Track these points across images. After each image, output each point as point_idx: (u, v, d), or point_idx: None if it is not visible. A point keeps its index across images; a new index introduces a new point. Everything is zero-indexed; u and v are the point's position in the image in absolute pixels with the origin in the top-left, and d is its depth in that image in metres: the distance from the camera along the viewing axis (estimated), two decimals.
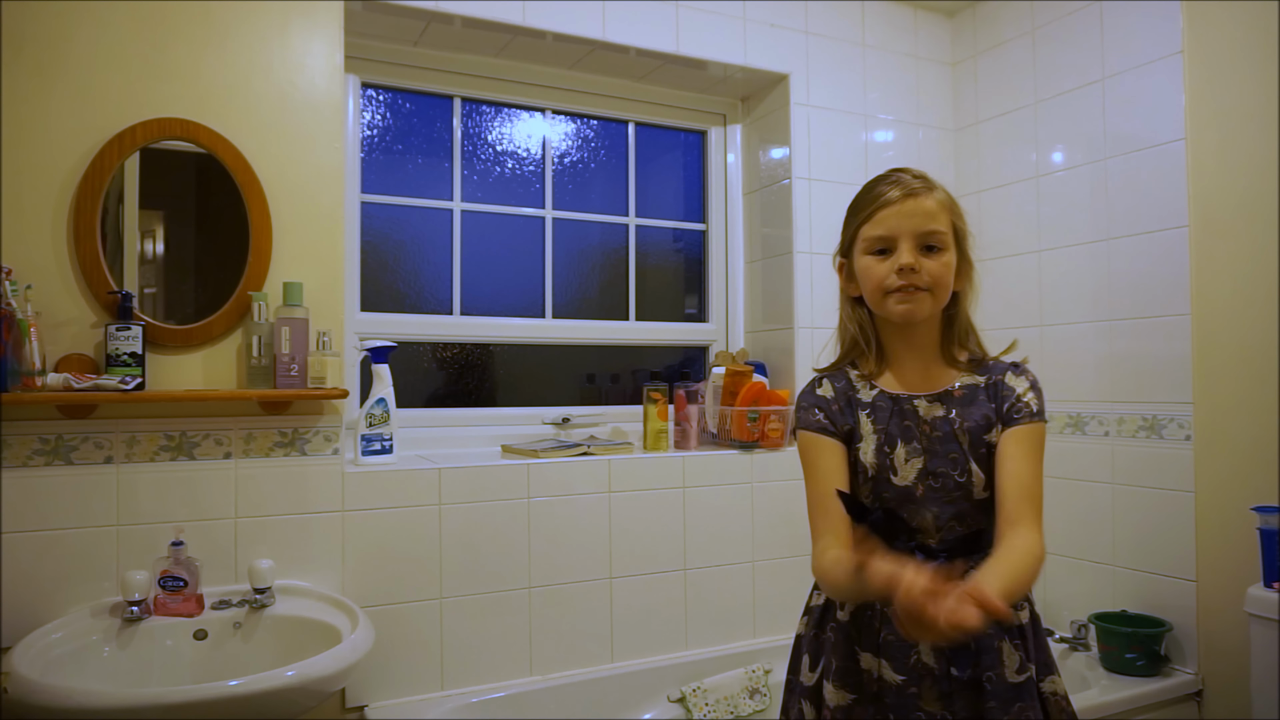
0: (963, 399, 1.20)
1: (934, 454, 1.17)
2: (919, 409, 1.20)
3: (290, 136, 1.90)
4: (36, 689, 1.31)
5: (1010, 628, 1.15)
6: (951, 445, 1.17)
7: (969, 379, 1.22)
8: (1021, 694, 1.13)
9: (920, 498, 1.17)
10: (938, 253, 1.17)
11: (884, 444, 1.19)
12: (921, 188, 1.18)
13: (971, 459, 1.16)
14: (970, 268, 1.23)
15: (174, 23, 1.80)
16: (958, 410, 1.19)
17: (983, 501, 1.17)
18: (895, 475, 1.18)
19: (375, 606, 1.91)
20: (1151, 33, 2.24)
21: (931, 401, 1.20)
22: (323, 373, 1.84)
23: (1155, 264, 2.23)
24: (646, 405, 2.37)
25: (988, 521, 1.16)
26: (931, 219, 1.17)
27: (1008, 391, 1.19)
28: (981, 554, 1.13)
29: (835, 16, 2.64)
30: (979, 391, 1.21)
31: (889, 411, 1.21)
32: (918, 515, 1.17)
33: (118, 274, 1.77)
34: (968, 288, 1.24)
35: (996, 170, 2.70)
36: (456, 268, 2.40)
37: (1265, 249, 2.01)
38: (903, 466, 1.18)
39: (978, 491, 1.16)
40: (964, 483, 1.16)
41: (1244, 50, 2.05)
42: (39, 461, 1.68)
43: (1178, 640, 2.17)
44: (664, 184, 2.76)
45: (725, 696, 2.17)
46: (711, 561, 2.32)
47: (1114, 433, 2.33)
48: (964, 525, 1.16)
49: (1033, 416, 1.18)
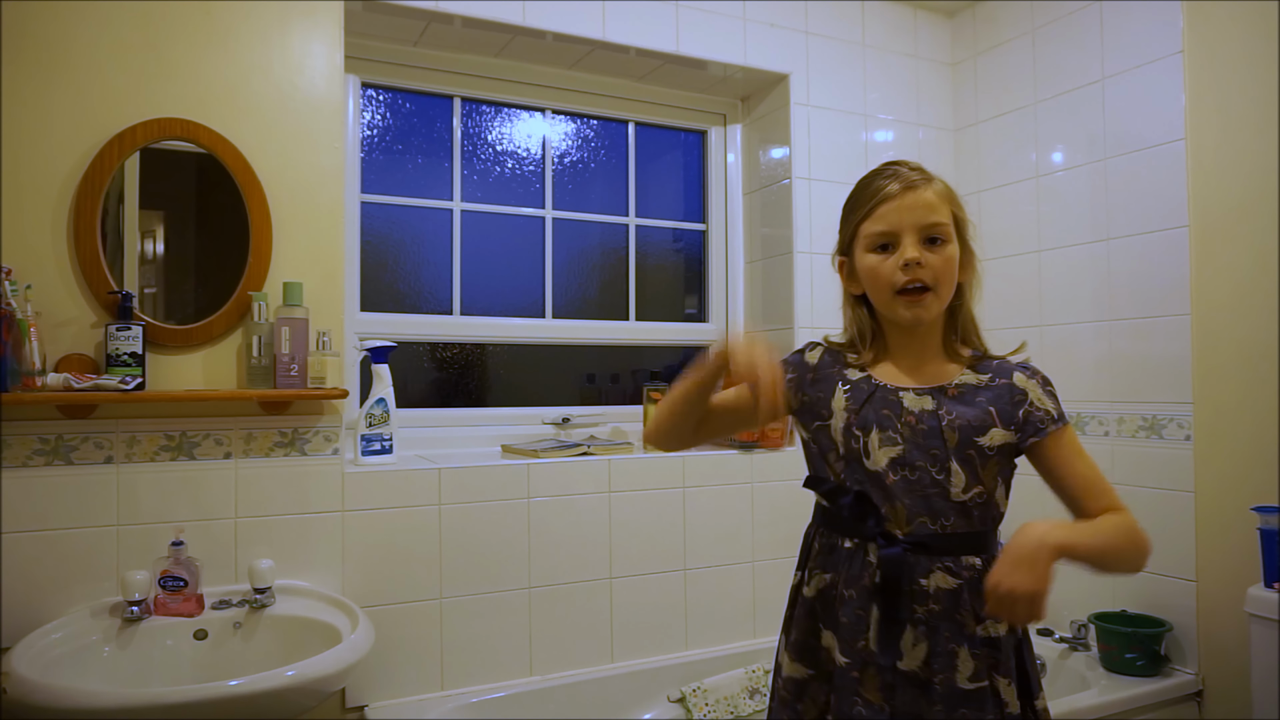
0: (958, 397, 1.17)
1: (914, 446, 1.14)
2: (904, 400, 1.17)
3: (290, 136, 1.90)
4: (36, 689, 1.31)
5: (972, 635, 1.12)
6: (935, 441, 1.14)
7: (969, 377, 1.19)
8: (969, 700, 1.11)
9: (890, 486, 1.14)
10: (941, 245, 1.15)
11: (853, 424, 1.17)
12: (920, 179, 1.17)
13: (955, 459, 1.13)
14: (973, 258, 1.22)
15: (174, 23, 1.80)
16: (949, 407, 1.16)
17: (962, 504, 1.13)
18: (868, 459, 1.16)
19: (375, 606, 1.91)
20: (1151, 33, 2.24)
21: (920, 395, 1.18)
22: (323, 373, 1.84)
23: (1155, 264, 2.23)
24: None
25: (965, 525, 1.14)
26: (933, 210, 1.15)
27: (1020, 395, 1.17)
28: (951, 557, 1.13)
29: (835, 16, 2.64)
30: (978, 391, 1.18)
31: (867, 395, 1.19)
32: (888, 503, 1.15)
33: (118, 274, 1.77)
34: (971, 279, 1.22)
35: (996, 170, 2.70)
36: (456, 268, 2.40)
37: (1265, 249, 2.01)
38: (875, 451, 1.16)
39: (956, 492, 1.13)
40: (941, 480, 1.13)
41: (1244, 50, 2.05)
42: (39, 461, 1.68)
43: (1178, 640, 2.16)
44: (664, 184, 2.76)
45: (725, 696, 2.17)
46: (711, 561, 2.32)
47: (1114, 433, 2.32)
48: (936, 523, 1.13)
49: (1055, 423, 1.16)
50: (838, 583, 1.18)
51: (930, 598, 1.12)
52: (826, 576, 1.20)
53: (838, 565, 1.18)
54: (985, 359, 1.22)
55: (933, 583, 1.12)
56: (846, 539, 1.18)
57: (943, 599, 1.12)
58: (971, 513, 1.14)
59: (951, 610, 1.12)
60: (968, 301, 1.23)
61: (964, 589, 1.12)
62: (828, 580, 1.20)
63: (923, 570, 1.12)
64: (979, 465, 1.14)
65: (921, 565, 1.13)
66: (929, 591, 1.12)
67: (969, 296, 1.23)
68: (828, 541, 1.21)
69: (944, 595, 1.12)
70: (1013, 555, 1.02)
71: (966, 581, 1.12)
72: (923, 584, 1.12)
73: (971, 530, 1.14)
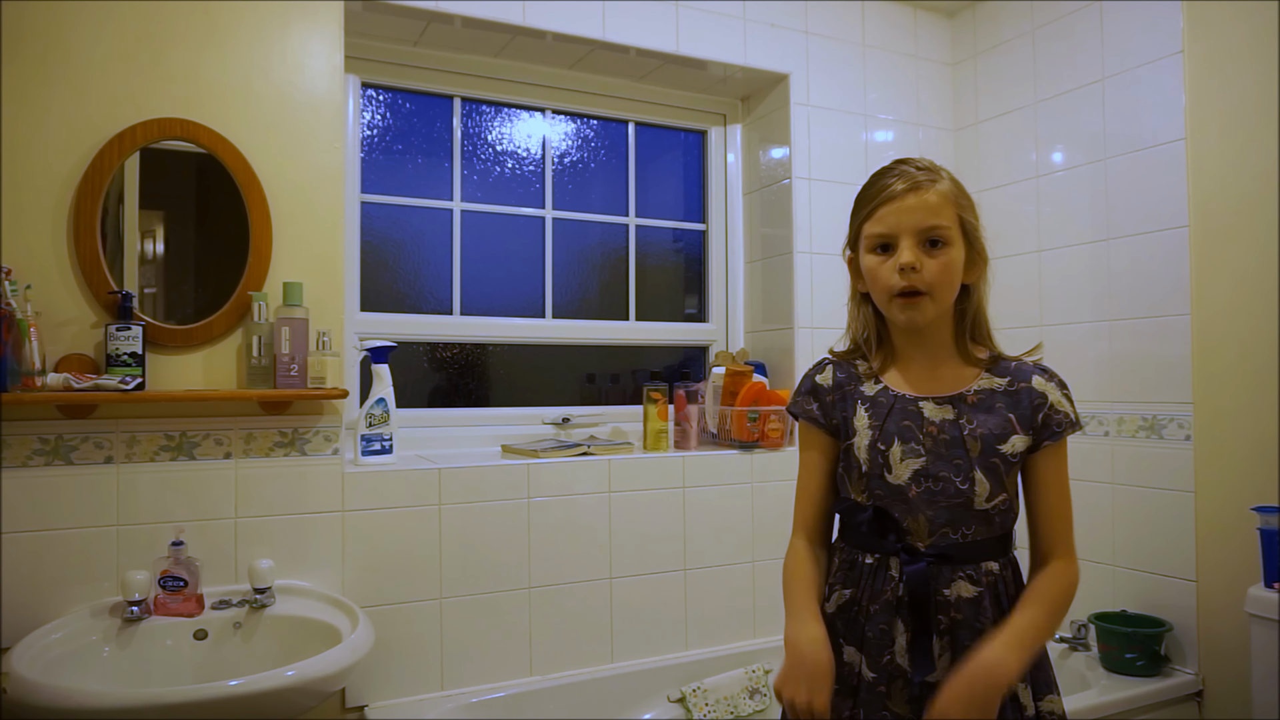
0: (978, 405, 1.15)
1: (937, 457, 1.13)
2: (924, 410, 1.16)
3: (290, 136, 1.90)
4: (36, 689, 1.31)
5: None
6: (958, 451, 1.13)
7: (986, 382, 1.17)
8: None
9: (913, 499, 1.13)
10: (941, 248, 1.13)
11: (878, 440, 1.16)
12: (926, 179, 1.14)
13: (978, 468, 1.12)
14: (982, 260, 1.19)
15: (174, 22, 1.80)
16: (970, 416, 1.14)
17: (984, 512, 1.13)
18: (889, 473, 1.15)
19: (375, 606, 1.91)
20: (1151, 33, 2.24)
21: (940, 404, 1.16)
22: (323, 373, 1.84)
23: (1155, 264, 2.23)
24: (646, 405, 2.37)
25: (987, 532, 1.13)
26: (934, 213, 1.13)
27: (1040, 400, 1.15)
28: (972, 565, 1.13)
29: (835, 16, 2.64)
30: (997, 397, 1.16)
31: (888, 408, 1.17)
32: (909, 516, 1.14)
33: (118, 274, 1.77)
34: (980, 280, 1.19)
35: (996, 170, 2.70)
36: (456, 268, 2.40)
37: (1265, 249, 2.01)
38: (897, 465, 1.15)
39: (979, 502, 1.12)
40: (965, 490, 1.12)
41: (1244, 50, 2.05)
42: (39, 461, 1.68)
43: (1178, 640, 2.16)
44: (664, 184, 2.76)
45: (725, 696, 2.17)
46: (711, 561, 2.32)
47: (1114, 433, 2.32)
48: (957, 532, 1.13)
49: (1072, 427, 1.15)
50: (860, 598, 1.17)
51: (953, 606, 1.12)
52: (847, 592, 1.19)
53: (859, 581, 1.18)
54: (1002, 360, 1.20)
55: (955, 591, 1.12)
56: (868, 555, 1.17)
57: (964, 608, 1.12)
58: (994, 519, 1.14)
59: (972, 618, 1.12)
60: (977, 302, 1.20)
61: (984, 595, 1.12)
62: (848, 596, 1.19)
63: (945, 580, 1.12)
64: (1003, 473, 1.13)
65: (944, 575, 1.12)
66: (951, 601, 1.12)
67: (979, 297, 1.20)
68: (848, 557, 1.21)
69: (965, 604, 1.12)
70: (964, 694, 1.02)
71: (986, 588, 1.12)
72: (946, 594, 1.12)
73: (992, 536, 1.14)
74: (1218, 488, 2.10)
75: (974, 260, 1.18)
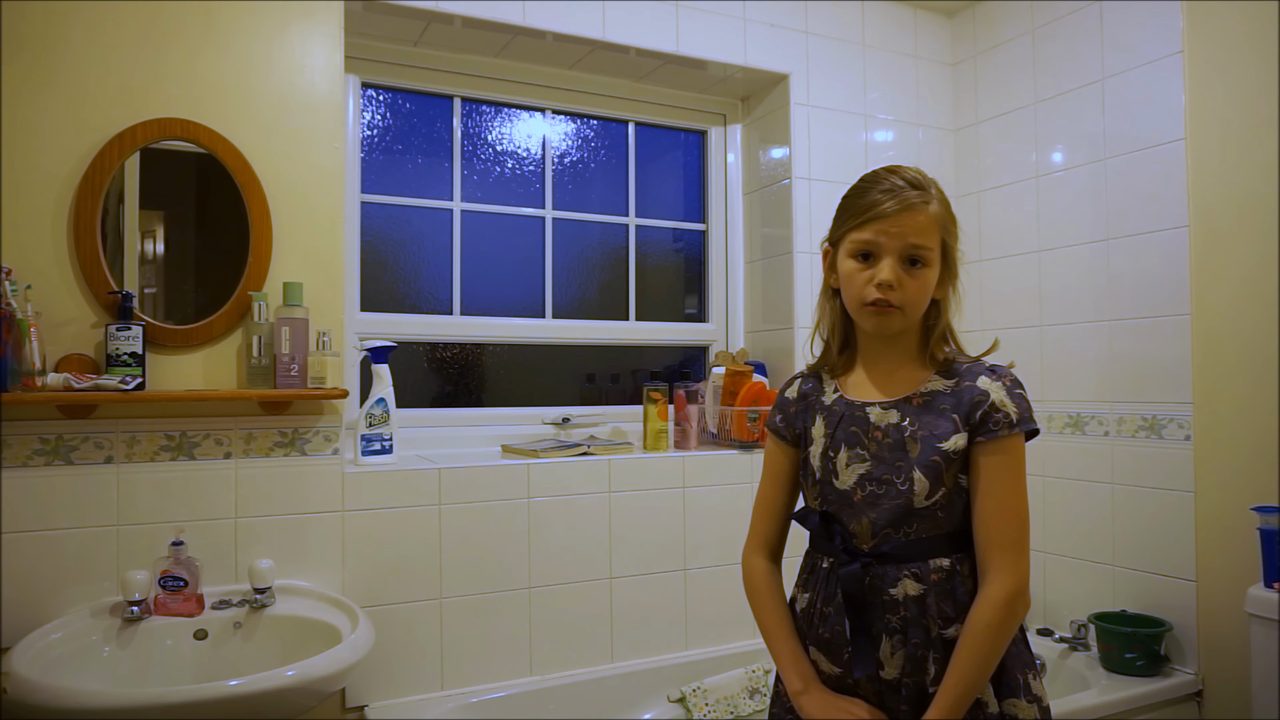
0: (921, 406, 1.17)
1: (880, 461, 1.16)
2: (870, 415, 1.19)
3: (290, 136, 1.90)
4: (36, 689, 1.31)
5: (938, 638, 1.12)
6: (899, 454, 1.15)
7: (936, 384, 1.18)
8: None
9: (858, 503, 1.17)
10: (920, 268, 1.15)
11: (829, 448, 1.21)
12: (918, 200, 1.15)
13: (917, 468, 1.13)
14: (955, 278, 1.21)
15: (174, 23, 1.80)
16: (913, 418, 1.16)
17: (926, 509, 1.13)
18: (837, 479, 1.19)
19: (375, 606, 1.91)
20: (1151, 33, 2.24)
21: (886, 409, 1.18)
22: (323, 373, 1.84)
23: (1155, 264, 2.23)
24: (646, 405, 2.37)
25: (933, 529, 1.14)
26: (920, 235, 1.14)
27: (980, 397, 1.14)
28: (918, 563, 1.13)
29: (835, 16, 2.64)
30: (942, 398, 1.16)
31: (840, 416, 1.22)
32: (854, 519, 1.17)
33: (118, 274, 1.77)
34: (949, 296, 1.22)
35: (996, 170, 2.70)
36: (456, 268, 2.40)
37: (1266, 249, 2.01)
38: (844, 470, 1.19)
39: (919, 500, 1.13)
40: (905, 490, 1.13)
41: (1244, 50, 2.05)
42: (39, 461, 1.68)
43: (1178, 640, 2.16)
44: (664, 184, 2.76)
45: (725, 696, 2.17)
46: (711, 561, 2.32)
47: (1114, 433, 2.32)
48: (900, 532, 1.14)
49: (1011, 427, 1.12)
50: (816, 601, 1.22)
51: (901, 605, 1.13)
52: (807, 596, 1.24)
53: (816, 584, 1.22)
54: (955, 362, 1.21)
55: (902, 590, 1.13)
56: (824, 559, 1.22)
57: (910, 606, 1.13)
58: (938, 516, 1.14)
59: (919, 615, 1.13)
60: (945, 316, 1.22)
61: (929, 593, 1.13)
62: (807, 599, 1.24)
63: (891, 580, 1.14)
64: (943, 469, 1.13)
65: (889, 575, 1.14)
66: (899, 600, 1.13)
67: (946, 311, 1.22)
68: (810, 561, 1.26)
69: (911, 602, 1.13)
70: None
71: (932, 585, 1.13)
72: (892, 594, 1.14)
73: (940, 533, 1.15)
74: (1218, 488, 2.10)
75: (946, 279, 1.20)
